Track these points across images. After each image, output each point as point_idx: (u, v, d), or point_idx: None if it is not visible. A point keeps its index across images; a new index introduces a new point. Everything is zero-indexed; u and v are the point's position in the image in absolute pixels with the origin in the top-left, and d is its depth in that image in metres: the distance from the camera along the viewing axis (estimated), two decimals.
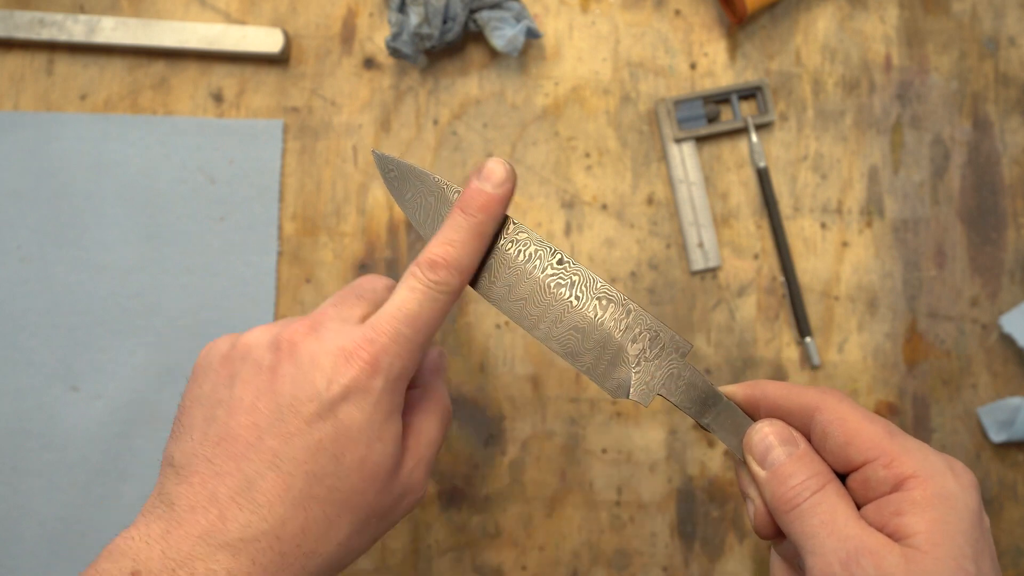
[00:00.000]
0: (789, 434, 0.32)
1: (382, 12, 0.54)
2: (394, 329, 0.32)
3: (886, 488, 0.29)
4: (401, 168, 0.36)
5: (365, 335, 0.31)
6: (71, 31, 0.52)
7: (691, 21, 0.54)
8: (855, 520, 0.29)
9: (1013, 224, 0.53)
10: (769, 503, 0.31)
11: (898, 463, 0.29)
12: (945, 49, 0.54)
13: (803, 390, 0.32)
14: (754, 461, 0.32)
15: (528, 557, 0.51)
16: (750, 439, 0.32)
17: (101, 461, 0.51)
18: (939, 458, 0.29)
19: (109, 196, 0.52)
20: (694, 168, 0.53)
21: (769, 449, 0.31)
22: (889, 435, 0.30)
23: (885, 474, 0.29)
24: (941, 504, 0.28)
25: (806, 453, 0.31)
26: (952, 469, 0.29)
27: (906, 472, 0.29)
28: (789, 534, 0.30)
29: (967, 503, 0.28)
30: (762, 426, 0.32)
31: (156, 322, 0.52)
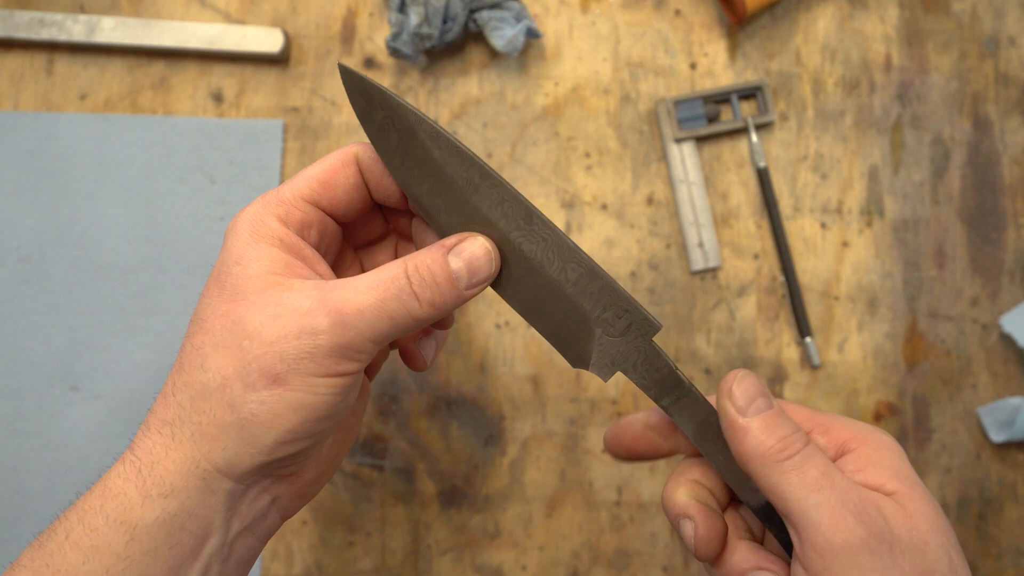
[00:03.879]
0: (766, 389, 0.32)
1: (382, 12, 0.54)
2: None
3: (831, 454, 0.31)
4: (370, 91, 0.32)
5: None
6: (71, 31, 0.52)
7: (691, 21, 0.54)
8: (843, 474, 0.29)
9: (1013, 224, 0.53)
10: (752, 454, 0.30)
11: (834, 430, 0.31)
12: (945, 49, 0.54)
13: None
14: (734, 409, 0.31)
15: (528, 557, 0.51)
16: (731, 386, 0.31)
17: (101, 461, 0.51)
18: (859, 422, 0.32)
19: (109, 196, 0.52)
20: (694, 168, 0.53)
21: (754, 397, 0.31)
22: (816, 413, 0.32)
23: (826, 441, 0.31)
24: (889, 453, 0.30)
25: (784, 410, 0.31)
26: (877, 430, 0.31)
27: (844, 436, 0.31)
28: (776, 489, 0.29)
29: (901, 454, 0.30)
30: (744, 374, 0.31)
31: (156, 322, 0.52)
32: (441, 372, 0.52)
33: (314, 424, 0.29)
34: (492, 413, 0.52)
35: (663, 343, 0.52)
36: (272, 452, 0.29)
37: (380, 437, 0.52)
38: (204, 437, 0.29)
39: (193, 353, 0.30)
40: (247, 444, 0.29)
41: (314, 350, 0.28)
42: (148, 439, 0.29)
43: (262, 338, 0.28)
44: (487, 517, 0.51)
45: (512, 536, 0.51)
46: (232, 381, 0.29)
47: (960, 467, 0.52)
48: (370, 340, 0.29)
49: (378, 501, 0.51)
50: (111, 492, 0.29)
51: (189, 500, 0.28)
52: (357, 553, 0.51)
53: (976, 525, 0.52)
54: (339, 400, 0.30)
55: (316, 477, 0.33)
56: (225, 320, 0.29)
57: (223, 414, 0.28)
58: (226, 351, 0.29)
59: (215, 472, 0.29)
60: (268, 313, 0.29)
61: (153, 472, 0.29)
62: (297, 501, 0.33)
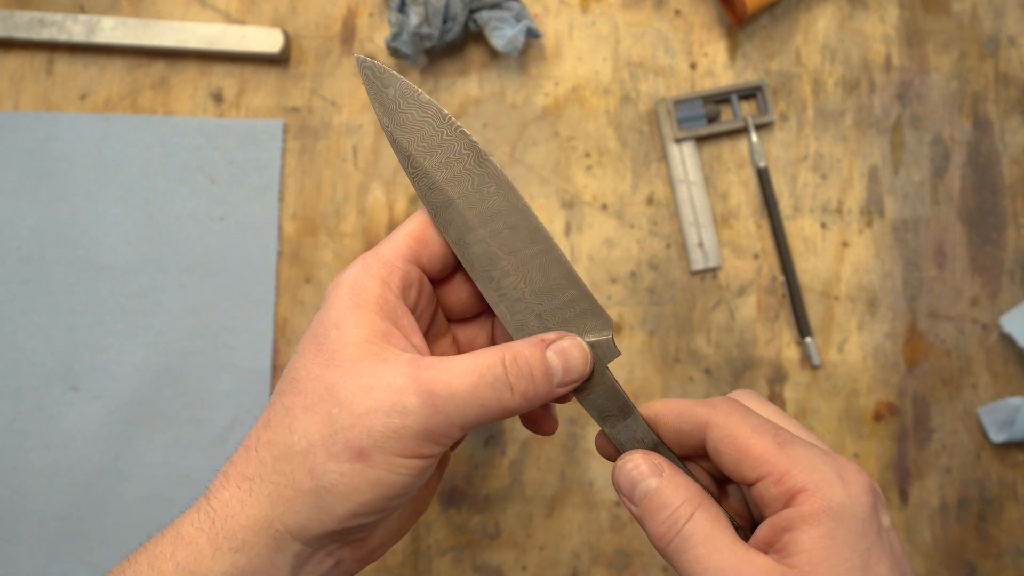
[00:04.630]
0: (652, 463, 0.30)
1: (382, 12, 0.54)
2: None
3: (779, 505, 0.28)
4: (390, 80, 0.33)
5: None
6: (71, 31, 0.52)
7: (691, 21, 0.54)
8: (731, 545, 0.28)
9: (1013, 224, 0.53)
10: (652, 541, 0.30)
11: (788, 478, 0.28)
12: (945, 49, 0.54)
13: (693, 408, 0.31)
14: (626, 498, 0.31)
15: (528, 557, 0.51)
16: (615, 478, 0.31)
17: (101, 461, 0.51)
18: (829, 467, 0.28)
19: (109, 196, 0.52)
20: (694, 168, 0.53)
21: (635, 483, 0.30)
22: (778, 446, 0.29)
23: (776, 491, 0.28)
24: (828, 518, 0.27)
25: (671, 480, 0.30)
26: (842, 478, 0.28)
27: (796, 486, 0.28)
28: (675, 571, 0.29)
29: (855, 512, 0.27)
30: (624, 461, 0.31)
31: (156, 322, 0.52)
32: None
33: (388, 501, 0.29)
34: None
35: (664, 343, 0.52)
36: (344, 522, 0.29)
37: None
38: (281, 499, 0.29)
39: (283, 412, 0.30)
40: (321, 512, 0.29)
41: (401, 430, 0.28)
42: (226, 491, 0.30)
43: (352, 409, 0.28)
44: (487, 517, 0.51)
45: (512, 536, 0.51)
46: (317, 448, 0.29)
47: (960, 467, 0.52)
48: (458, 425, 0.29)
49: None
50: (183, 540, 0.29)
51: (258, 558, 0.29)
52: None
53: (976, 525, 0.52)
54: (417, 480, 0.30)
55: (382, 544, 0.33)
56: (318, 384, 0.29)
57: (303, 479, 0.29)
58: (315, 416, 0.29)
59: (286, 534, 0.29)
60: (361, 384, 0.29)
61: (227, 525, 0.29)
62: (359, 564, 0.33)
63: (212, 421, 0.51)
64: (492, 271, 0.32)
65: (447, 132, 0.32)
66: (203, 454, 0.51)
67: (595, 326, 0.32)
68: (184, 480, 0.50)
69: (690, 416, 0.31)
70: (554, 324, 0.32)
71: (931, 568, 0.51)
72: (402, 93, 0.33)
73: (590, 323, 0.32)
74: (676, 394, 0.52)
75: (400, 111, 0.33)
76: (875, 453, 0.52)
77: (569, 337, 0.31)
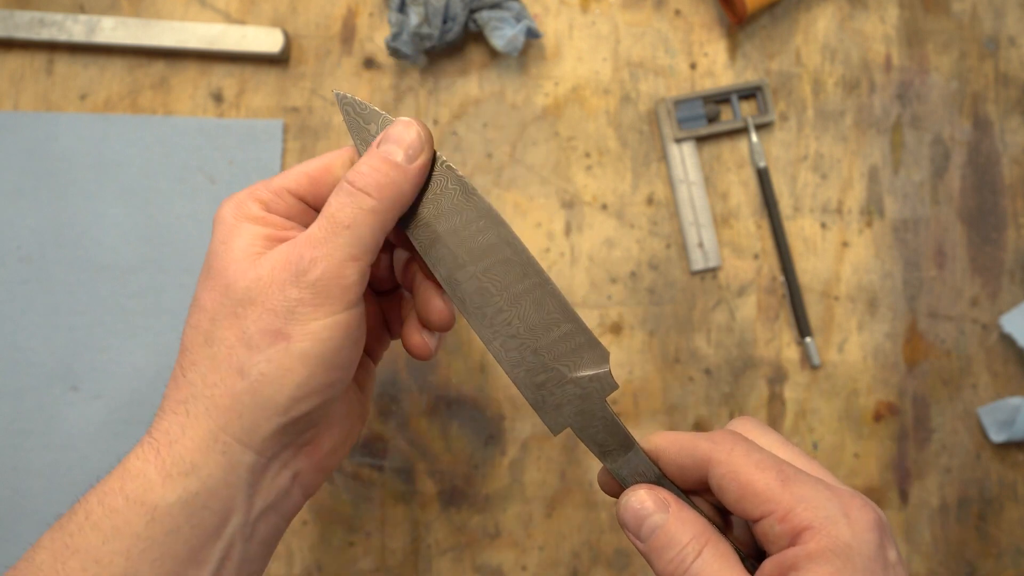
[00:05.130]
0: (658, 499, 0.30)
1: (382, 12, 0.54)
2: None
3: (783, 543, 0.28)
4: (364, 113, 0.33)
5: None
6: (71, 31, 0.52)
7: (691, 21, 0.54)
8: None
9: (1013, 224, 0.53)
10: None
11: (792, 516, 0.28)
12: (945, 49, 0.54)
13: (694, 443, 0.30)
14: (632, 535, 0.30)
15: (528, 557, 0.51)
16: (620, 514, 0.30)
17: (101, 461, 0.51)
18: (834, 504, 0.28)
19: (109, 196, 0.52)
20: (694, 168, 0.53)
21: (641, 519, 0.30)
22: (782, 483, 0.28)
23: (780, 529, 0.28)
24: (834, 557, 0.27)
25: (678, 516, 0.29)
26: (847, 515, 0.28)
27: (800, 524, 0.27)
28: None
29: (861, 551, 0.27)
30: (628, 497, 0.30)
31: (156, 322, 0.52)
32: (441, 372, 0.52)
33: (324, 374, 0.29)
34: (492, 413, 0.52)
35: (664, 343, 0.52)
36: (288, 410, 0.29)
37: (380, 437, 0.52)
38: (219, 409, 0.29)
39: (193, 332, 0.30)
40: (262, 408, 0.29)
41: (303, 294, 0.29)
42: (164, 420, 0.29)
43: (253, 300, 0.29)
44: (487, 517, 0.51)
45: (512, 536, 0.51)
46: (236, 347, 0.29)
47: (960, 467, 0.52)
48: (348, 258, 0.29)
49: (378, 501, 0.51)
50: (130, 473, 0.29)
51: (210, 478, 0.29)
52: (357, 553, 0.51)
53: (976, 525, 0.52)
54: (344, 343, 0.30)
55: (333, 448, 0.33)
56: (215, 294, 0.30)
57: (234, 381, 0.29)
58: (224, 321, 0.29)
59: (235, 444, 0.29)
60: (252, 276, 0.29)
61: (172, 451, 0.29)
62: (318, 475, 0.32)
63: None
64: (485, 308, 0.32)
65: (433, 168, 0.32)
66: None
67: (592, 359, 0.32)
68: None
69: (692, 452, 0.30)
70: (550, 359, 0.32)
71: (931, 568, 0.51)
72: (384, 129, 0.32)
73: (587, 356, 0.32)
74: (676, 394, 0.52)
75: None
76: (875, 453, 0.52)
77: (393, 123, 0.31)
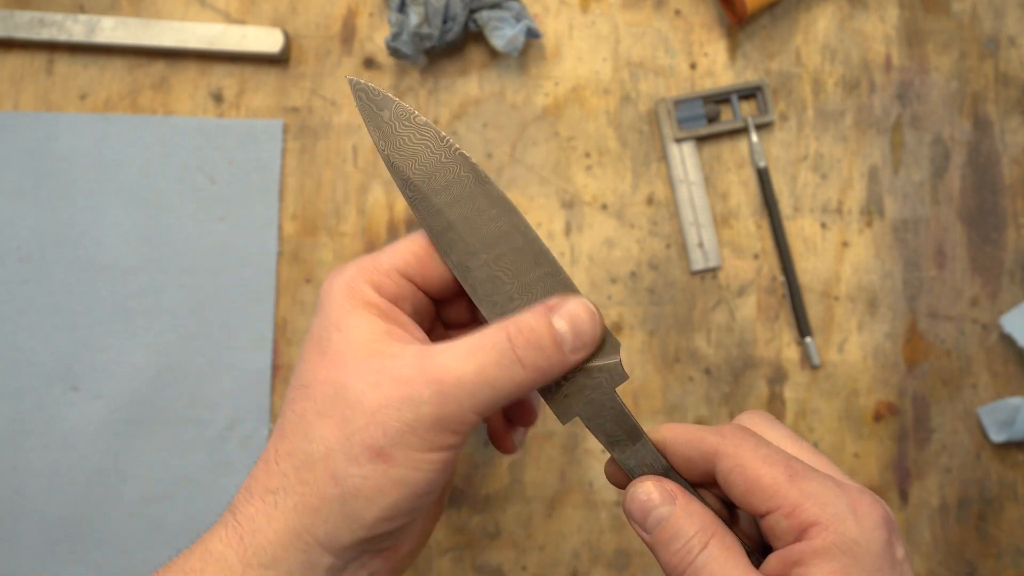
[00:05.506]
0: (665, 491, 0.30)
1: (382, 12, 0.54)
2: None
3: (790, 538, 0.28)
4: (381, 101, 0.32)
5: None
6: (71, 31, 0.52)
7: (691, 21, 0.54)
8: (745, 575, 0.27)
9: (1013, 224, 0.53)
10: (664, 570, 0.29)
11: (799, 511, 0.27)
12: (945, 49, 0.54)
13: (702, 436, 0.30)
14: (639, 527, 0.30)
15: (528, 557, 0.51)
16: (626, 505, 0.30)
17: (101, 461, 0.51)
18: (842, 500, 0.28)
19: (109, 196, 0.52)
20: (694, 168, 0.53)
21: (647, 511, 0.30)
22: (789, 478, 0.28)
23: (787, 524, 0.28)
24: (841, 553, 0.26)
25: (685, 508, 0.29)
26: (855, 511, 0.27)
27: (808, 520, 0.27)
28: None
29: (869, 548, 0.27)
30: (635, 488, 0.30)
31: (156, 322, 0.52)
32: None
33: (416, 500, 0.29)
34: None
35: (664, 343, 0.52)
36: (373, 528, 0.28)
37: None
38: (307, 509, 0.28)
39: (296, 420, 0.29)
40: (348, 519, 0.28)
41: (416, 423, 0.28)
42: (251, 506, 0.29)
43: (364, 408, 0.28)
44: (487, 517, 0.51)
45: (512, 536, 0.51)
46: (336, 452, 0.28)
47: (960, 467, 0.52)
48: (471, 410, 0.28)
49: None
50: (212, 557, 0.28)
51: (288, 572, 0.28)
52: None
53: (976, 525, 0.52)
54: (442, 476, 0.29)
55: (411, 551, 0.33)
56: (327, 387, 0.29)
57: (326, 487, 0.28)
58: (330, 420, 0.28)
59: (316, 546, 0.28)
60: (370, 381, 0.28)
61: (255, 540, 0.28)
62: (392, 574, 0.32)
63: (212, 421, 0.51)
64: (496, 296, 0.32)
65: (446, 155, 0.32)
66: (203, 454, 0.51)
67: (603, 349, 0.32)
68: (184, 480, 0.51)
69: (699, 445, 0.30)
70: None
71: (931, 568, 0.51)
72: (398, 115, 0.32)
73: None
74: (676, 394, 0.52)
75: (396, 134, 0.32)
76: (875, 453, 0.52)
77: (574, 299, 0.30)
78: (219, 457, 0.51)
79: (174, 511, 0.50)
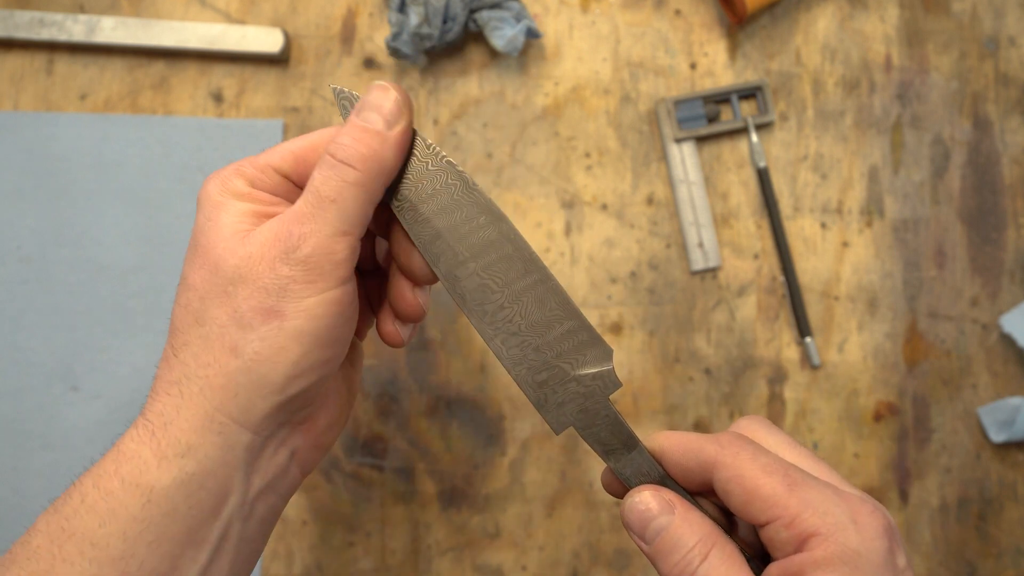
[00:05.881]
0: (663, 500, 0.29)
1: (382, 12, 0.54)
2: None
3: (790, 548, 0.27)
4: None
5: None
6: (71, 31, 0.52)
7: (691, 21, 0.54)
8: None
9: (1013, 224, 0.53)
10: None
11: (799, 521, 0.27)
12: (945, 49, 0.54)
13: (700, 445, 0.30)
14: (637, 537, 0.30)
15: (528, 557, 0.51)
16: (624, 515, 0.30)
17: None
18: (842, 509, 0.27)
19: (109, 196, 0.52)
20: (694, 168, 0.53)
21: (646, 521, 0.29)
22: (788, 488, 0.27)
23: (787, 535, 0.27)
24: (843, 564, 0.26)
25: (684, 518, 0.29)
26: (856, 521, 0.27)
27: (808, 530, 0.27)
28: None
29: (870, 558, 0.26)
30: (633, 498, 0.30)
31: (156, 322, 0.52)
32: (441, 372, 0.52)
33: (319, 351, 0.29)
34: (492, 413, 0.52)
35: (664, 343, 0.52)
36: (284, 389, 0.29)
37: (380, 437, 0.52)
38: (213, 389, 0.28)
39: (184, 313, 0.30)
40: (257, 386, 0.28)
41: (293, 269, 0.28)
42: (158, 402, 0.29)
43: (242, 276, 0.29)
44: (487, 517, 0.51)
45: (512, 536, 0.51)
46: (228, 327, 0.28)
47: (960, 467, 0.52)
48: (340, 232, 0.29)
49: (378, 501, 0.51)
50: (125, 456, 0.28)
51: (207, 459, 0.28)
52: (357, 553, 0.51)
53: (976, 525, 0.52)
54: (338, 319, 0.29)
55: (329, 425, 0.33)
56: (204, 272, 0.30)
57: (227, 361, 0.28)
58: (214, 300, 0.29)
59: (231, 424, 0.28)
60: (241, 254, 0.29)
61: (167, 433, 0.28)
62: (315, 452, 0.32)
63: None
64: (486, 305, 0.31)
65: (433, 162, 0.31)
66: None
67: (595, 357, 0.31)
68: None
69: (697, 454, 0.30)
70: (552, 356, 0.31)
71: (931, 568, 0.51)
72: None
73: (590, 354, 0.32)
74: (676, 394, 0.52)
75: None
76: (875, 453, 0.52)
77: (367, 92, 0.31)
78: None
79: None
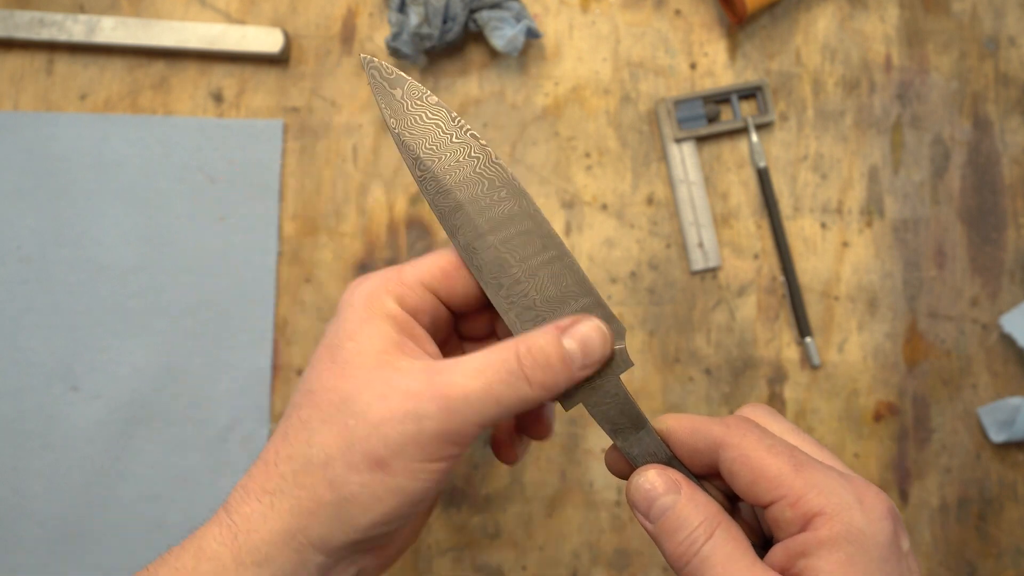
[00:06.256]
0: (669, 480, 0.30)
1: (382, 12, 0.54)
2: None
3: (794, 528, 0.27)
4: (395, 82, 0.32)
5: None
6: (71, 31, 0.52)
7: (691, 21, 0.54)
8: (751, 567, 0.27)
9: (1013, 224, 0.53)
10: (668, 560, 0.29)
11: (804, 501, 0.27)
12: (945, 49, 0.54)
13: (707, 426, 0.30)
14: (641, 516, 0.30)
15: (528, 557, 0.51)
16: (630, 494, 0.30)
17: (101, 461, 0.51)
18: (847, 490, 0.27)
19: (109, 196, 0.52)
20: (694, 168, 0.53)
21: (651, 500, 0.29)
22: (794, 468, 0.28)
23: (792, 514, 0.27)
24: (847, 544, 0.26)
25: (690, 498, 0.29)
26: (861, 502, 0.27)
27: (812, 510, 0.27)
28: None
29: (876, 538, 0.27)
30: (639, 477, 0.30)
31: (156, 322, 0.52)
32: None
33: (411, 507, 0.29)
34: None
35: (664, 343, 0.52)
36: (367, 532, 0.29)
37: None
38: (303, 512, 0.29)
39: (299, 426, 0.30)
40: (343, 523, 0.29)
41: (418, 436, 0.28)
42: (247, 505, 0.29)
43: (368, 419, 0.28)
44: (487, 517, 0.51)
45: (512, 536, 0.51)
46: (336, 460, 0.28)
47: (960, 467, 0.52)
48: (476, 424, 0.29)
49: None
50: (205, 554, 0.29)
51: (280, 571, 0.29)
52: None
53: (976, 525, 0.52)
54: (439, 484, 0.30)
55: (400, 549, 0.33)
56: (333, 396, 0.29)
57: (324, 492, 0.29)
58: (333, 428, 0.29)
59: (309, 546, 0.29)
60: (376, 393, 0.29)
61: (249, 539, 0.29)
62: (379, 571, 0.33)
63: (212, 421, 0.51)
64: (501, 278, 0.32)
65: (457, 135, 0.32)
66: (203, 454, 0.51)
67: None
68: (184, 480, 0.50)
69: (704, 435, 0.30)
70: None
71: (931, 568, 0.51)
72: (410, 94, 0.32)
73: None
74: (676, 394, 0.52)
75: (408, 113, 0.32)
76: (875, 453, 0.52)
77: (585, 319, 0.30)
78: (219, 457, 0.51)
79: (174, 511, 0.50)
